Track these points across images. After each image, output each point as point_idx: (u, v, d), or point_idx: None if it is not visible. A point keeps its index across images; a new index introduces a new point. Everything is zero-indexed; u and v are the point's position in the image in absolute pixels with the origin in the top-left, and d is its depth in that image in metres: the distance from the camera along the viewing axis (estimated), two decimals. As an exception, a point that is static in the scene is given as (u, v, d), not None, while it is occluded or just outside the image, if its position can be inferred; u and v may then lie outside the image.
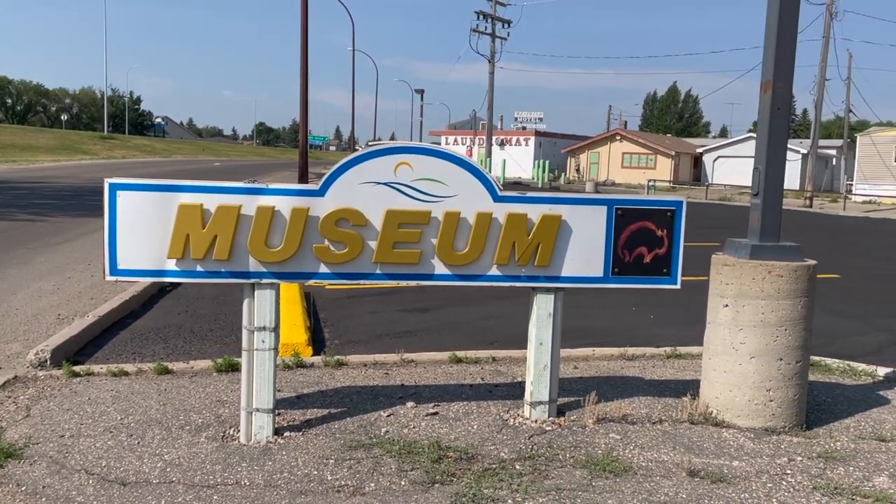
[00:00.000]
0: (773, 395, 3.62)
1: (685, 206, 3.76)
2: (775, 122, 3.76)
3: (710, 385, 3.82)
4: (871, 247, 14.46)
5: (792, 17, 3.71)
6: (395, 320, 6.41)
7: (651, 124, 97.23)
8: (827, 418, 3.83)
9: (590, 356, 5.02)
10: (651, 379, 4.52)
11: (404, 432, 3.46)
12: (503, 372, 4.58)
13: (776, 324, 3.63)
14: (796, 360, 3.65)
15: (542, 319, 3.69)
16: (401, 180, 3.42)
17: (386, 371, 4.50)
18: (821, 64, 30.88)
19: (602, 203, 3.71)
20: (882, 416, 3.89)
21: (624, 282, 3.77)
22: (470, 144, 61.42)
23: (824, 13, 29.77)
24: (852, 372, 4.76)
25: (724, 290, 3.77)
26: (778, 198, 3.85)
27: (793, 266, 3.65)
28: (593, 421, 3.64)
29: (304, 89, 15.53)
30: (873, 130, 47.04)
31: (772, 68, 3.73)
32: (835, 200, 38.01)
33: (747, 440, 3.47)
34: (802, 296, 3.67)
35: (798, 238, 14.69)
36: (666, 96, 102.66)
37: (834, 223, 21.96)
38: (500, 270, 3.59)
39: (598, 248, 3.69)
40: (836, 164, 56.32)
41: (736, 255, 3.81)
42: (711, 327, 3.86)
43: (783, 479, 3.03)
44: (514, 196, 3.59)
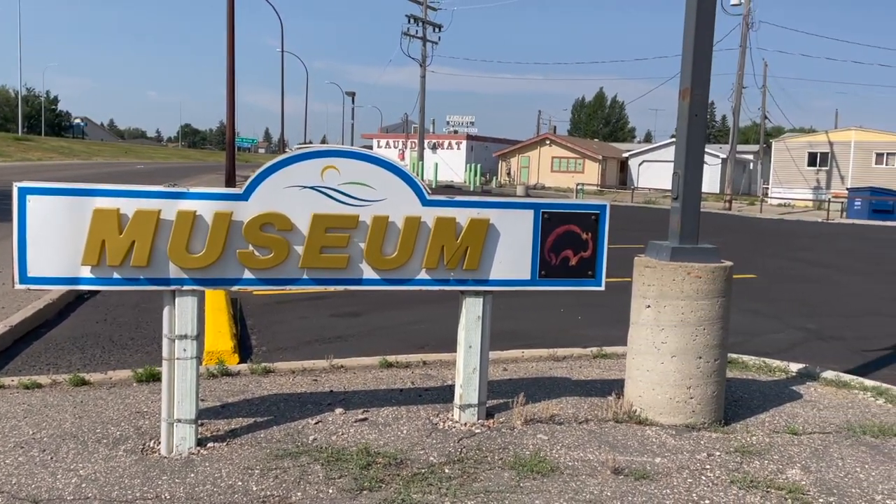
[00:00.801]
0: (693, 393, 3.74)
1: (609, 209, 3.85)
2: (693, 128, 3.90)
3: (634, 384, 3.92)
4: (785, 247, 15.16)
5: (708, 29, 3.85)
6: (326, 325, 6.33)
7: (579, 129, 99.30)
8: (744, 413, 3.98)
9: (519, 358, 5.08)
10: (578, 379, 4.60)
11: (333, 439, 3.41)
12: (433, 375, 4.58)
13: (695, 323, 3.75)
14: (714, 358, 3.78)
15: (471, 323, 3.70)
16: (328, 184, 3.38)
17: (315, 378, 4.44)
18: (738, 72, 32.21)
19: (529, 207, 3.76)
20: (795, 411, 4.07)
21: (550, 284, 3.82)
22: (402, 148, 61.37)
23: (741, 24, 31.09)
24: (767, 368, 4.96)
25: (646, 291, 3.87)
26: (696, 201, 3.99)
27: (710, 267, 3.78)
28: (522, 422, 3.67)
29: (230, 90, 15.20)
30: (787, 136, 49.36)
31: (689, 76, 3.87)
32: (752, 203, 39.66)
33: (669, 437, 3.57)
34: (720, 296, 3.80)
35: (718, 239, 15.30)
36: (593, 102, 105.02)
37: (751, 225, 22.93)
38: (429, 274, 3.59)
39: (526, 251, 3.73)
40: (753, 168, 58.82)
41: (657, 257, 3.93)
42: (635, 327, 3.96)
43: (702, 475, 3.13)
44: (443, 200, 3.60)
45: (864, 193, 29.59)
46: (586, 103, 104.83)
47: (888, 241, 18.14)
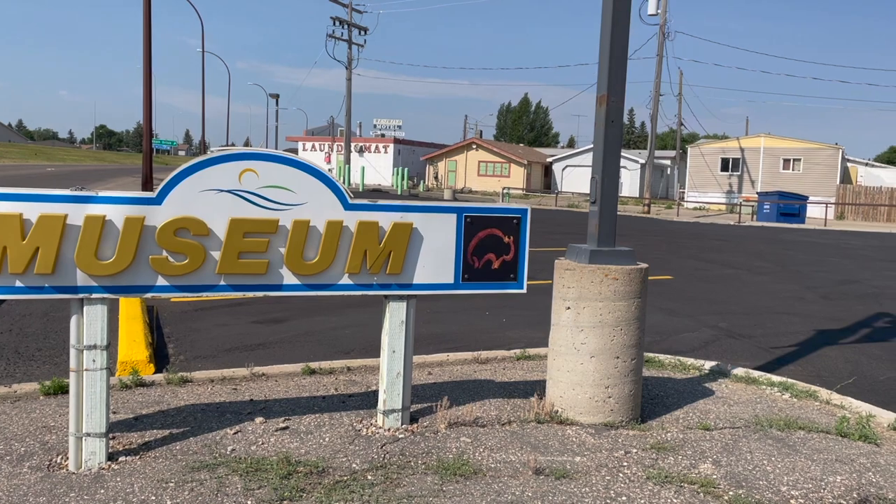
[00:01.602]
0: (612, 392, 3.84)
1: (529, 213, 3.91)
2: (610, 134, 4.00)
3: (555, 384, 3.99)
4: (699, 249, 15.76)
5: (623, 38, 3.97)
6: (248, 332, 6.19)
7: (505, 134, 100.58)
8: (660, 411, 4.11)
9: (444, 361, 5.09)
10: (502, 381, 4.65)
11: (252, 449, 3.33)
12: (358, 381, 4.54)
13: (613, 324, 3.85)
14: (631, 358, 3.89)
15: (394, 327, 3.69)
16: (246, 188, 3.31)
17: (235, 386, 4.33)
18: (655, 80, 33.33)
19: (452, 211, 3.78)
20: (707, 407, 4.23)
21: (474, 287, 3.85)
22: (328, 151, 60.70)
23: (658, 33, 32.19)
24: (682, 366, 5.14)
25: (566, 293, 3.95)
26: (613, 205, 4.10)
27: (627, 269, 3.89)
28: (445, 426, 3.68)
29: (147, 90, 14.70)
30: (702, 142, 51.38)
31: (606, 84, 3.97)
32: (670, 207, 41.06)
33: (589, 436, 3.65)
34: (636, 297, 3.92)
35: (637, 242, 15.73)
36: (518, 107, 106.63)
37: (668, 228, 23.75)
38: (351, 279, 3.55)
39: (449, 255, 3.75)
40: (670, 173, 60.93)
41: (576, 259, 4.01)
42: (555, 329, 4.03)
43: (620, 472, 3.21)
44: (365, 204, 3.58)
45: (773, 197, 31.09)
46: (512, 108, 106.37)
47: (794, 242, 19.12)
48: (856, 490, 3.12)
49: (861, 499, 3.04)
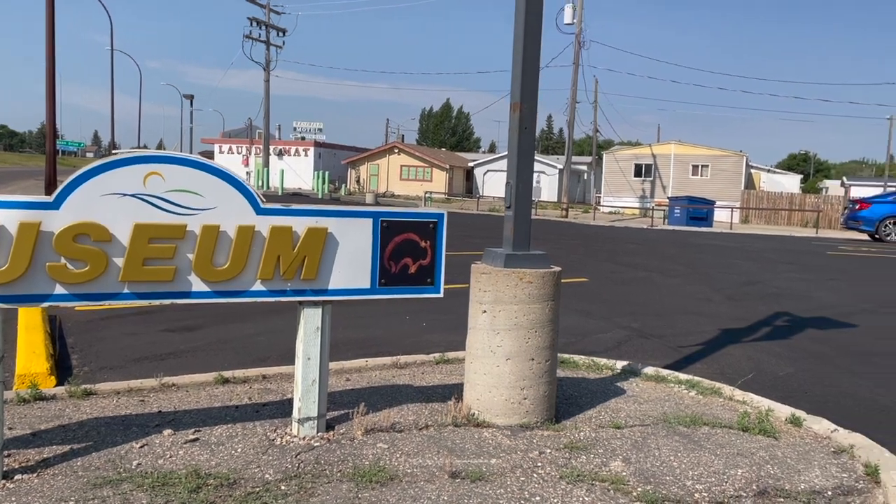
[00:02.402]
0: (527, 394, 3.90)
1: (446, 218, 3.93)
2: (523, 140, 4.07)
3: (472, 387, 4.02)
4: (614, 252, 16.24)
5: (535, 46, 4.04)
6: (157, 341, 5.97)
7: (427, 138, 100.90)
8: (574, 411, 4.20)
9: (363, 367, 5.05)
10: (420, 385, 4.65)
11: (159, 463, 3.21)
12: (273, 390, 4.44)
13: (528, 326, 3.91)
14: (546, 360, 3.97)
15: (309, 334, 3.63)
16: (151, 192, 3.19)
17: (142, 398, 4.16)
18: (572, 88, 34.18)
19: (368, 216, 3.75)
20: (619, 406, 4.35)
21: (391, 292, 3.84)
22: (246, 154, 59.37)
23: (574, 42, 33.03)
24: (596, 367, 5.28)
25: (482, 296, 3.99)
26: (527, 210, 4.17)
27: (541, 273, 3.96)
28: (362, 432, 3.65)
29: (50, 88, 13.99)
30: (616, 149, 52.97)
31: (519, 91, 4.04)
32: (587, 211, 42.11)
33: (504, 437, 3.70)
34: (550, 300, 4.00)
35: (556, 245, 16.08)
36: (440, 112, 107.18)
37: (585, 232, 24.37)
38: (264, 285, 3.48)
39: (365, 260, 3.72)
40: (587, 178, 62.56)
41: (492, 263, 4.06)
42: (472, 332, 4.06)
43: (534, 472, 3.26)
44: (278, 209, 3.51)
45: (683, 202, 32.37)
46: (434, 113, 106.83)
47: (702, 245, 19.97)
48: (755, 482, 3.27)
49: (760, 490, 3.19)
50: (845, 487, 3.28)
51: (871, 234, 24.43)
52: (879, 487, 3.29)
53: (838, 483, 3.32)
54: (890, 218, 23.86)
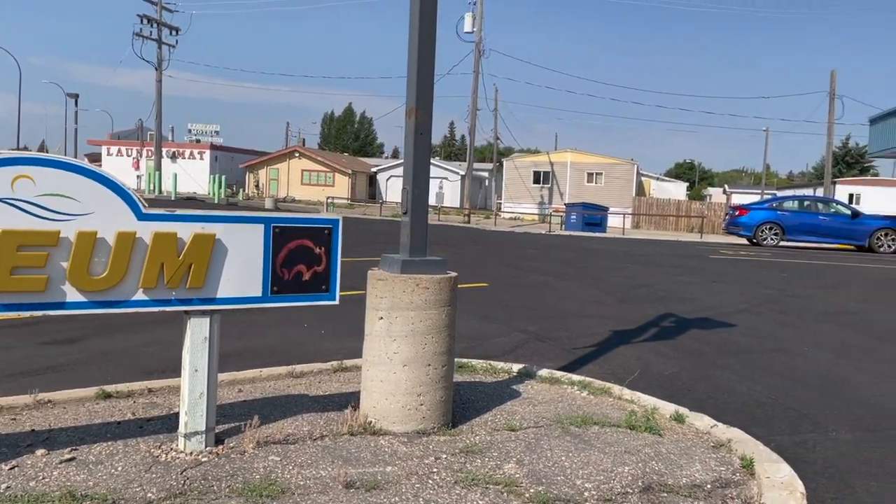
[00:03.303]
0: (424, 399, 3.90)
1: (341, 224, 3.88)
2: (419, 146, 4.08)
3: (369, 395, 3.99)
4: (514, 257, 16.58)
5: (430, 53, 4.06)
6: (34, 355, 5.58)
7: (330, 143, 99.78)
8: (470, 415, 4.24)
9: (257, 377, 4.91)
10: (317, 395, 4.57)
11: (31, 485, 2.99)
12: (159, 404, 4.24)
13: (424, 332, 3.92)
14: (442, 365, 3.98)
15: (197, 344, 3.49)
16: (20, 196, 2.98)
17: (14, 416, 3.87)
18: (473, 95, 34.68)
19: (259, 221, 3.65)
20: (514, 408, 4.42)
21: (284, 300, 3.75)
22: (137, 156, 56.80)
23: (475, 50, 33.55)
24: (493, 370, 5.35)
25: (378, 303, 3.96)
26: (424, 215, 4.18)
27: (437, 278, 3.98)
28: (253, 445, 3.54)
29: (-88, 83, 12.85)
30: (516, 156, 54.14)
31: (414, 97, 4.04)
32: (488, 217, 42.80)
33: (401, 444, 3.68)
34: (446, 305, 4.02)
35: (457, 250, 16.19)
36: (343, 116, 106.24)
37: (486, 237, 24.76)
38: (147, 295, 3.32)
39: (257, 267, 3.62)
40: (488, 184, 63.59)
41: (389, 269, 4.04)
42: (369, 339, 4.03)
43: (430, 478, 3.26)
44: (162, 214, 3.36)
45: (578, 208, 33.46)
46: (336, 117, 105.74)
47: (596, 250, 20.70)
48: (641, 478, 3.40)
49: (645, 486, 3.31)
50: (723, 480, 3.46)
51: (749, 238, 26.04)
52: (754, 479, 3.49)
53: (717, 476, 3.50)
54: (766, 223, 25.52)
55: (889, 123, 34.62)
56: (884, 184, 60.43)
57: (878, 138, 36.26)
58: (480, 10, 33.85)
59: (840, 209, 26.13)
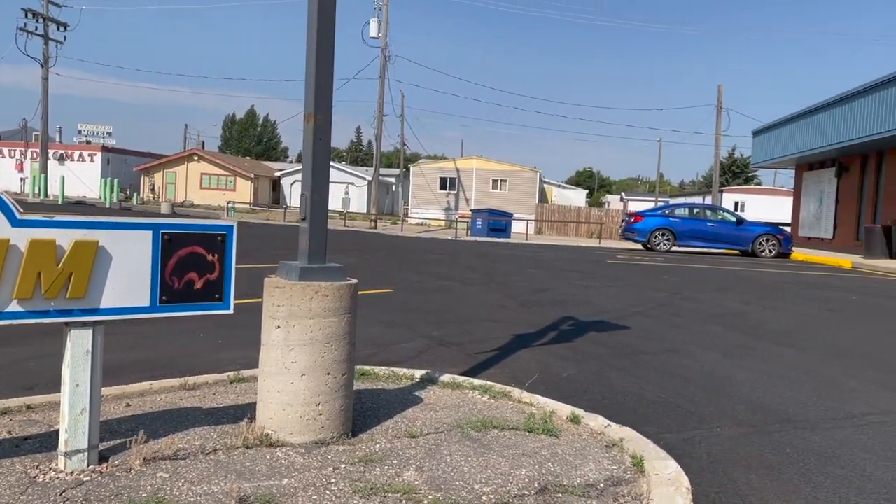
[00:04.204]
0: (323, 409, 3.84)
1: (235, 230, 3.77)
2: (318, 152, 4.02)
3: (266, 406, 3.88)
4: (419, 263, 16.62)
5: (328, 57, 4.01)
6: None
7: (231, 146, 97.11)
8: (371, 423, 4.20)
9: (147, 391, 4.69)
10: (211, 407, 4.41)
11: None
12: (39, 421, 3.98)
13: (324, 341, 3.86)
14: (342, 373, 3.93)
15: (78, 358, 3.30)
16: None
17: None
18: (379, 101, 34.59)
19: (147, 227, 3.49)
20: (416, 415, 4.42)
21: (174, 310, 3.60)
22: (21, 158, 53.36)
23: (380, 56, 33.48)
24: (395, 377, 5.33)
25: (275, 311, 3.87)
26: (323, 221, 4.12)
27: (337, 286, 3.92)
28: (140, 462, 3.37)
29: None
30: (423, 162, 54.41)
31: (313, 101, 3.98)
32: (395, 222, 42.76)
33: (298, 456, 3.60)
34: (346, 312, 3.97)
35: (363, 256, 16.11)
36: (245, 119, 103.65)
37: (393, 242, 24.71)
38: (22, 306, 3.11)
39: (144, 275, 3.46)
40: (395, 190, 63.57)
41: (287, 277, 3.96)
42: (265, 349, 3.93)
43: (327, 489, 3.21)
44: (39, 220, 3.15)
45: (484, 214, 33.96)
46: (238, 120, 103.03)
47: (500, 255, 21.07)
48: (537, 480, 3.46)
49: (541, 487, 3.38)
50: (615, 479, 3.57)
51: (643, 244, 27.19)
52: (644, 476, 3.63)
53: (609, 475, 3.61)
54: (659, 230, 26.72)
55: (769, 136, 37.04)
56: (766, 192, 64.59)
57: (760, 149, 38.73)
58: (386, 15, 33.82)
59: (726, 216, 27.70)
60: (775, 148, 35.39)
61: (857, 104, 26.63)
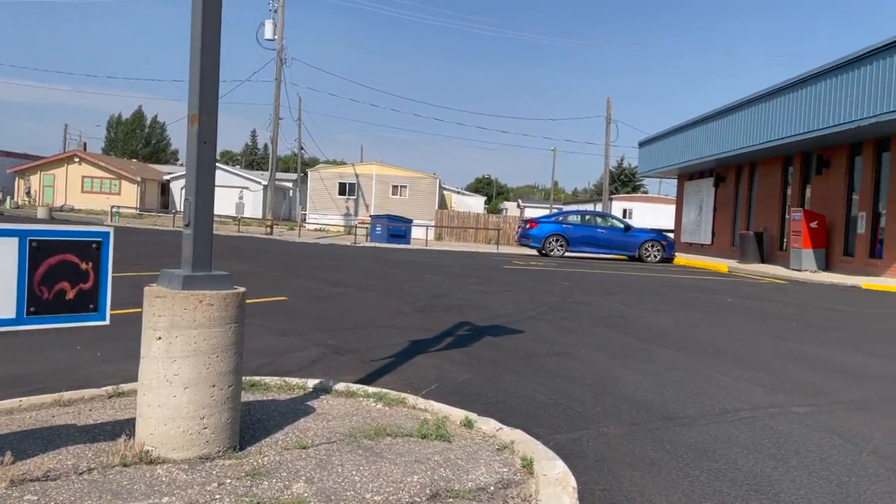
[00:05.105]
0: (208, 423, 3.69)
1: (112, 237, 3.58)
2: (203, 155, 3.88)
3: (146, 422, 3.70)
4: (316, 269, 16.37)
5: (214, 56, 3.88)
6: None
7: (117, 147, 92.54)
8: (260, 435, 4.08)
9: (15, 408, 4.36)
10: (87, 424, 4.15)
11: None
12: None
13: (209, 352, 3.72)
14: (228, 385, 3.80)
15: (-69, 375, 3.03)
16: None
17: None
18: (275, 104, 33.87)
19: (12, 234, 3.26)
20: (307, 425, 4.33)
21: (43, 322, 3.38)
22: None
23: (276, 58, 32.81)
24: (287, 387, 5.20)
25: (157, 322, 3.70)
26: (208, 227, 3.97)
27: (223, 294, 3.79)
28: (6, 485, 3.13)
29: None
30: (321, 167, 53.69)
31: (197, 103, 3.84)
32: (292, 228, 41.97)
33: (181, 472, 3.45)
34: (233, 322, 3.84)
35: (257, 263, 15.71)
36: (132, 120, 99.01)
37: (290, 249, 24.22)
38: None
39: (9, 285, 3.23)
40: (293, 195, 62.41)
41: (169, 286, 3.79)
42: (146, 361, 3.75)
43: (211, 506, 3.09)
44: None
45: (384, 220, 33.90)
46: (124, 121, 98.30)
47: (399, 261, 21.07)
48: (429, 486, 3.47)
49: (433, 493, 3.39)
50: (505, 481, 3.63)
51: (539, 249, 27.94)
52: (533, 478, 3.71)
53: (500, 478, 3.67)
54: (553, 236, 27.54)
55: (654, 147, 38.99)
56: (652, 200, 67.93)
57: (646, 160, 40.70)
58: (282, 17, 33.14)
59: (615, 223, 28.91)
60: (659, 158, 37.26)
61: (732, 118, 28.46)
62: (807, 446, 4.75)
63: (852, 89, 19.84)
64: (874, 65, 18.84)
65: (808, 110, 22.41)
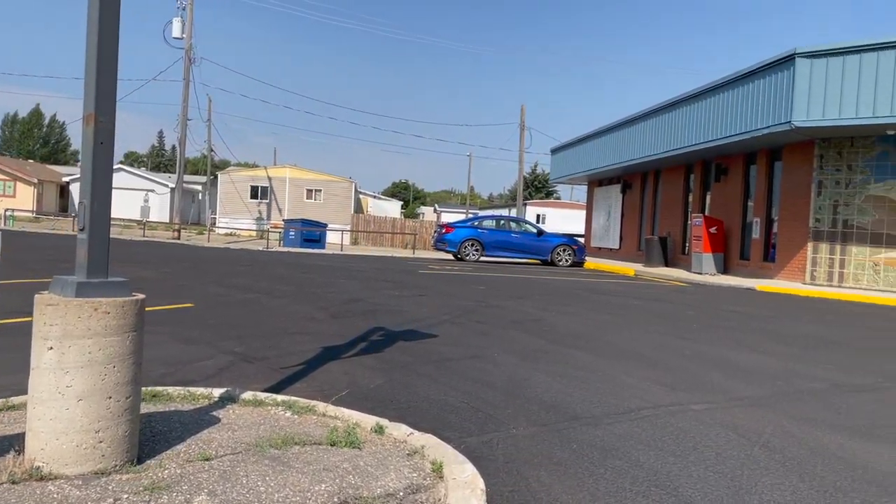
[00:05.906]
0: (103, 436, 3.53)
1: (1, 239, 3.36)
2: (99, 156, 3.71)
3: (36, 436, 3.50)
4: (225, 275, 15.92)
5: (112, 52, 3.72)
6: None
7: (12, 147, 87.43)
8: (161, 448, 3.93)
9: None
10: (-31, 441, 3.89)
11: None
12: None
13: (105, 362, 3.55)
14: (126, 396, 3.64)
15: None
16: None
17: None
18: (183, 104, 32.78)
19: None
20: (211, 436, 4.20)
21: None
22: None
23: (184, 57, 31.76)
24: (192, 397, 5.03)
25: (48, 331, 3.51)
26: (106, 232, 3.80)
27: (120, 302, 3.64)
28: None
29: None
30: (232, 170, 52.36)
31: (93, 101, 3.67)
32: (201, 232, 40.70)
33: (74, 489, 3.28)
34: (132, 330, 3.69)
35: (162, 269, 15.19)
36: (29, 119, 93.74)
37: (198, 254, 23.46)
38: None
39: None
40: (202, 198, 60.54)
41: (62, 293, 3.60)
42: (36, 373, 3.54)
43: (105, 523, 2.95)
44: None
45: (297, 224, 33.34)
46: (20, 119, 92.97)
47: (313, 266, 20.77)
48: (337, 494, 3.43)
49: (341, 501, 3.35)
50: (415, 486, 3.63)
51: (454, 254, 28.16)
52: (442, 481, 3.72)
53: (409, 483, 3.67)
54: (468, 240, 27.82)
55: (565, 154, 40.02)
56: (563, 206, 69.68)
57: (558, 166, 41.72)
58: (190, 16, 32.11)
59: (528, 228, 29.48)
60: (570, 165, 38.30)
61: (638, 128, 29.59)
62: (704, 442, 4.97)
63: (748, 102, 21.00)
64: (767, 79, 20.01)
65: (707, 121, 23.57)
